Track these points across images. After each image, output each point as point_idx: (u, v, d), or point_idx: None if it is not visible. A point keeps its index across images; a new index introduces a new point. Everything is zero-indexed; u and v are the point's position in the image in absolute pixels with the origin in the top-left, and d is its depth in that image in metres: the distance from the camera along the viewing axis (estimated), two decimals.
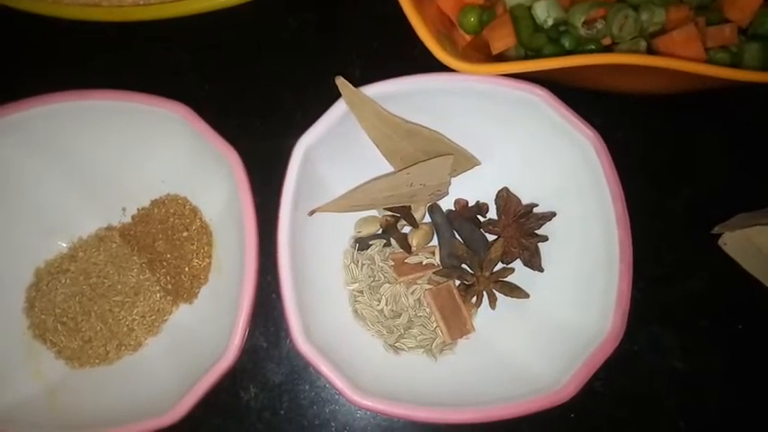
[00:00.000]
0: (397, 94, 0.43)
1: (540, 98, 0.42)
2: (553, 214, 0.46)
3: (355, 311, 0.47)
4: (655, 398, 0.49)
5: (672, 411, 0.49)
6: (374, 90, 0.43)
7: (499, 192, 0.48)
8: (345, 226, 0.48)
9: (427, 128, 0.45)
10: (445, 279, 0.47)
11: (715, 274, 0.51)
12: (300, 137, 0.43)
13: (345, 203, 0.45)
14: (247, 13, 0.50)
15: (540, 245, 0.47)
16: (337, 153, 0.45)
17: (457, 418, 0.40)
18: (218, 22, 0.50)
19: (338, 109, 0.43)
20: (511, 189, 0.48)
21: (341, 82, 0.42)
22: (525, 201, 0.48)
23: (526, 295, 0.46)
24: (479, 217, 0.49)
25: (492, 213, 0.49)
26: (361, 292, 0.47)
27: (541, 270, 0.47)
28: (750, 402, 0.49)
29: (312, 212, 0.44)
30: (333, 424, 0.48)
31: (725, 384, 0.49)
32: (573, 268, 0.45)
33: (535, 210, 0.47)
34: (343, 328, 0.46)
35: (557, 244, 0.46)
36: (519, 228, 0.47)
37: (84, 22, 0.49)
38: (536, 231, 0.47)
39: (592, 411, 0.48)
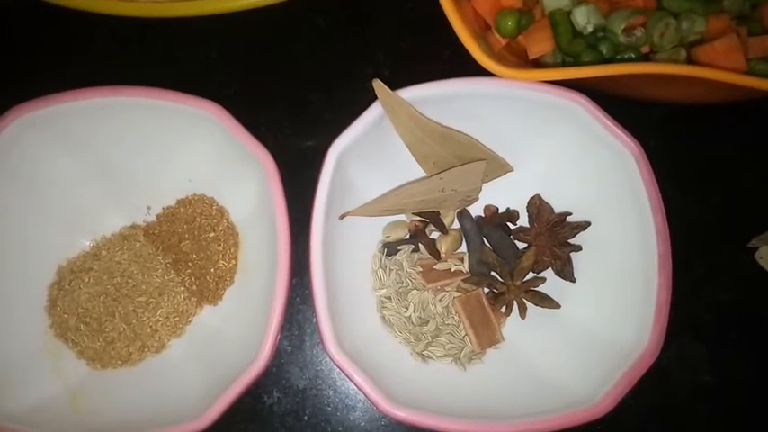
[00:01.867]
0: (434, 98, 0.42)
1: (581, 106, 0.41)
2: (588, 224, 0.46)
3: (383, 318, 0.46)
4: (683, 411, 0.49)
5: (700, 424, 0.48)
6: (410, 93, 0.42)
7: (531, 199, 0.47)
8: (373, 230, 0.48)
9: (462, 133, 0.44)
10: (474, 287, 0.46)
11: (745, 287, 0.50)
12: (332, 139, 0.42)
13: (376, 208, 0.45)
14: (277, 12, 0.49)
15: (572, 254, 0.46)
16: (369, 156, 0.44)
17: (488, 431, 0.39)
18: (247, 20, 0.49)
19: (373, 112, 0.42)
20: (543, 197, 0.47)
21: (377, 84, 0.41)
22: (558, 209, 0.47)
23: (557, 305, 0.46)
24: (509, 224, 0.48)
25: (523, 221, 0.48)
26: (389, 297, 0.46)
27: (573, 280, 0.46)
28: None
29: (343, 216, 0.43)
30: (356, 431, 0.48)
31: (753, 398, 0.49)
32: (607, 279, 0.44)
33: (569, 218, 0.46)
34: (371, 335, 0.45)
35: (590, 254, 0.46)
36: (552, 236, 0.46)
37: (114, 17, 0.48)
38: (569, 240, 0.46)
39: (619, 423, 0.48)
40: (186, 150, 0.46)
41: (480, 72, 0.42)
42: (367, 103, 0.42)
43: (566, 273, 0.46)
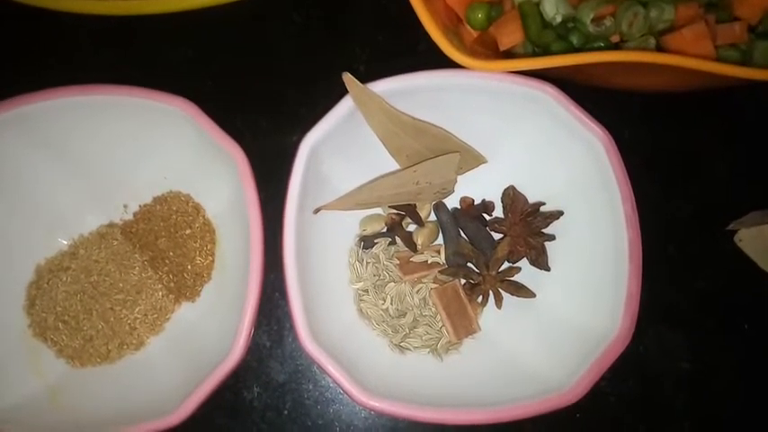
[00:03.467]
0: (405, 91, 0.42)
1: (549, 96, 0.41)
2: (560, 213, 0.46)
3: (360, 310, 0.46)
4: (661, 398, 0.49)
5: (678, 412, 0.49)
6: (381, 87, 0.42)
7: (505, 190, 0.48)
8: (350, 224, 0.48)
9: (434, 125, 0.44)
10: (451, 278, 0.47)
11: (721, 274, 0.51)
12: (305, 133, 0.42)
13: (351, 201, 0.45)
14: (252, 8, 0.49)
15: (546, 244, 0.46)
16: (343, 150, 0.44)
17: (464, 419, 0.40)
18: (222, 17, 0.49)
19: (344, 106, 0.42)
20: (517, 187, 0.47)
21: (348, 78, 0.41)
22: (532, 199, 0.47)
23: (532, 294, 0.46)
24: (485, 215, 0.48)
25: (498, 212, 0.48)
26: (366, 290, 0.46)
27: (548, 269, 0.46)
28: (757, 403, 0.49)
29: (317, 210, 0.44)
30: (336, 424, 0.48)
31: (731, 385, 0.49)
32: (580, 268, 0.45)
33: (542, 208, 0.47)
34: (348, 328, 0.45)
35: (564, 243, 0.46)
36: (526, 226, 0.46)
37: (86, 16, 0.48)
38: (543, 230, 0.46)
39: (597, 411, 0.48)
40: (162, 148, 0.46)
41: (453, 64, 0.42)
42: (343, 97, 0.43)
43: (540, 262, 0.46)
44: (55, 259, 0.47)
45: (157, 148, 0.46)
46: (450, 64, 0.42)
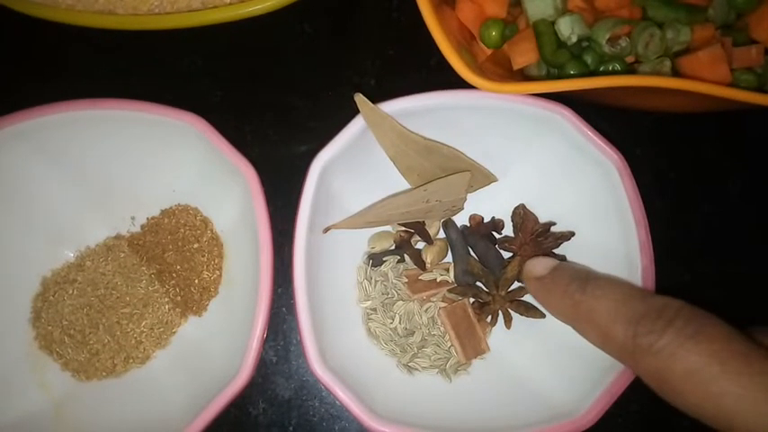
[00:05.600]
0: (416, 111, 0.42)
1: (564, 118, 0.41)
2: (572, 234, 0.45)
3: (368, 330, 0.46)
4: (668, 418, 0.48)
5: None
6: (392, 107, 0.41)
7: (516, 209, 0.47)
8: (358, 241, 0.48)
9: (445, 144, 0.44)
10: (460, 297, 0.46)
11: (731, 294, 0.50)
12: (317, 146, 0.42)
13: (361, 220, 0.45)
14: (261, 19, 0.48)
15: None
16: (353, 169, 0.44)
17: None
18: (233, 27, 0.49)
19: (355, 126, 0.42)
20: (528, 206, 0.47)
21: (359, 99, 0.41)
22: (543, 219, 0.47)
23: (542, 315, 0.45)
24: (495, 233, 0.48)
25: (508, 230, 0.48)
26: (375, 309, 0.46)
27: None
28: None
29: (327, 230, 0.43)
30: None
31: None
32: None
33: (553, 228, 0.46)
34: (356, 348, 0.45)
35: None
36: (536, 246, 0.46)
37: (96, 29, 0.48)
38: (553, 250, 0.46)
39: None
40: (170, 161, 0.46)
41: (465, 81, 0.42)
42: (352, 111, 0.42)
43: None
44: (61, 271, 0.47)
45: (166, 160, 0.46)
46: (459, 80, 0.42)
